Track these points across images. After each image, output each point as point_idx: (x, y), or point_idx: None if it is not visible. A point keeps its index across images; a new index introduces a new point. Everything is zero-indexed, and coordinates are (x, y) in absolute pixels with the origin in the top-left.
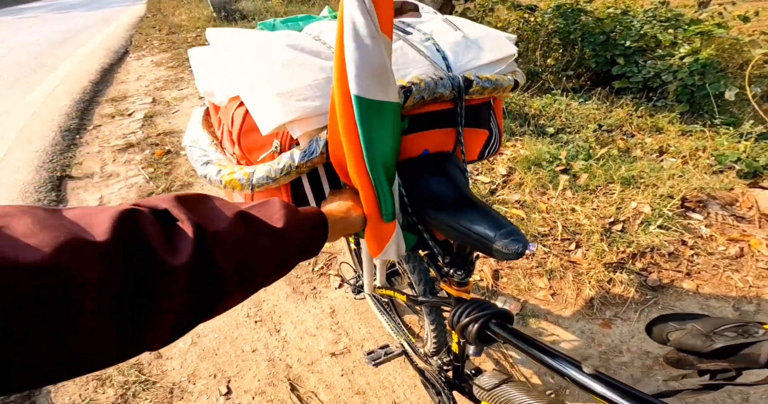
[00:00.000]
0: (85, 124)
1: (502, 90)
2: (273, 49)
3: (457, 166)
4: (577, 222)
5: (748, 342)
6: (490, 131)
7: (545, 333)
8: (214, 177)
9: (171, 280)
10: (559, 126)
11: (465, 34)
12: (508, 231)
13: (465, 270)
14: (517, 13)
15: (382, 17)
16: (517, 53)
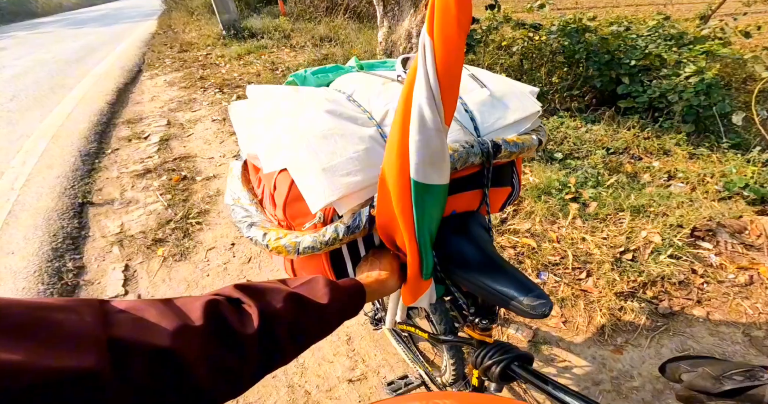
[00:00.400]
0: (103, 147)
1: (528, 151)
2: (314, 117)
3: (481, 224)
4: (587, 252)
5: (753, 384)
6: (512, 187)
7: (557, 359)
8: (260, 241)
9: (246, 346)
10: (567, 151)
11: (491, 91)
12: (536, 295)
13: (488, 319)
14: (522, 31)
15: (448, 110)
16: (523, 72)
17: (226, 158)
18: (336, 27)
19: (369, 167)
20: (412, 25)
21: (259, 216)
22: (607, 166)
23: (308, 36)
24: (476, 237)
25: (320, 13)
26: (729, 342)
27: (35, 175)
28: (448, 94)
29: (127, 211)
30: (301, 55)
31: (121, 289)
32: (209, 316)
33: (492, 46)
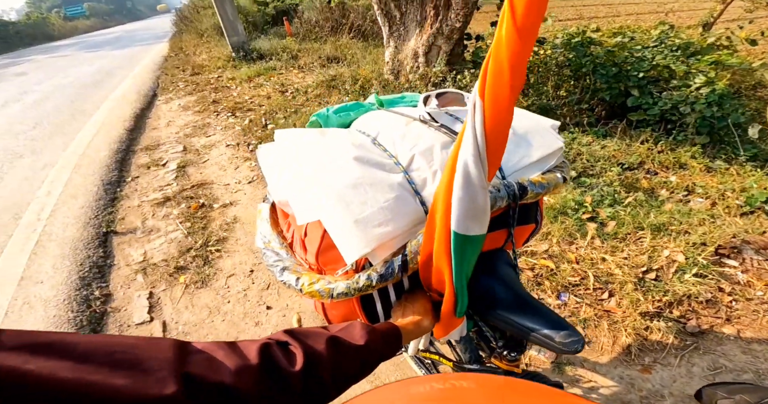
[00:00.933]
0: (124, 175)
1: (554, 190)
2: (347, 166)
3: (507, 262)
4: (608, 272)
5: None
6: (536, 223)
7: (583, 380)
8: (293, 285)
9: (292, 382)
10: (580, 168)
11: (514, 128)
12: (568, 333)
13: (517, 351)
14: None
15: (492, 168)
16: (530, 86)
17: (241, 184)
18: (342, 46)
19: (399, 216)
20: (418, 44)
21: (290, 260)
22: (622, 182)
23: (315, 56)
24: (503, 275)
25: (326, 33)
26: (762, 359)
27: (60, 205)
28: (494, 153)
29: (149, 240)
30: (309, 76)
31: (147, 316)
32: (262, 356)
33: None
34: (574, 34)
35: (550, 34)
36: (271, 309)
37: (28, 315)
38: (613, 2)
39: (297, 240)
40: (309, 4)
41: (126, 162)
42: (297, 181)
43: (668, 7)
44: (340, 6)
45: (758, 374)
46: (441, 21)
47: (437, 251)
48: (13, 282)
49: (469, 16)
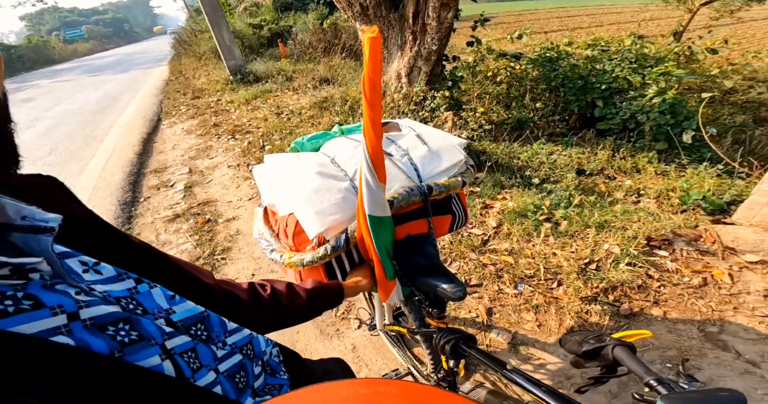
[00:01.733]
0: (137, 196)
1: (455, 189)
2: (308, 178)
3: (430, 243)
4: (558, 265)
5: (601, 346)
6: (453, 214)
7: (533, 358)
8: (279, 260)
9: (264, 302)
10: (543, 176)
11: (429, 147)
12: (455, 284)
13: (439, 308)
14: (504, 62)
15: (380, 176)
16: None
17: (242, 201)
18: (334, 67)
19: (345, 209)
20: (401, 66)
21: (277, 245)
22: (579, 187)
23: (309, 77)
24: (426, 252)
25: (319, 54)
26: (686, 337)
27: None
28: (378, 167)
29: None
30: (303, 98)
31: None
32: (249, 288)
33: (480, 76)
34: (548, 48)
35: (529, 48)
36: None
37: None
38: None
39: (281, 230)
40: (302, 26)
41: (138, 184)
42: (280, 189)
43: (646, 16)
44: (332, 27)
45: (681, 350)
46: (419, 44)
47: (362, 229)
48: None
49: (444, 39)
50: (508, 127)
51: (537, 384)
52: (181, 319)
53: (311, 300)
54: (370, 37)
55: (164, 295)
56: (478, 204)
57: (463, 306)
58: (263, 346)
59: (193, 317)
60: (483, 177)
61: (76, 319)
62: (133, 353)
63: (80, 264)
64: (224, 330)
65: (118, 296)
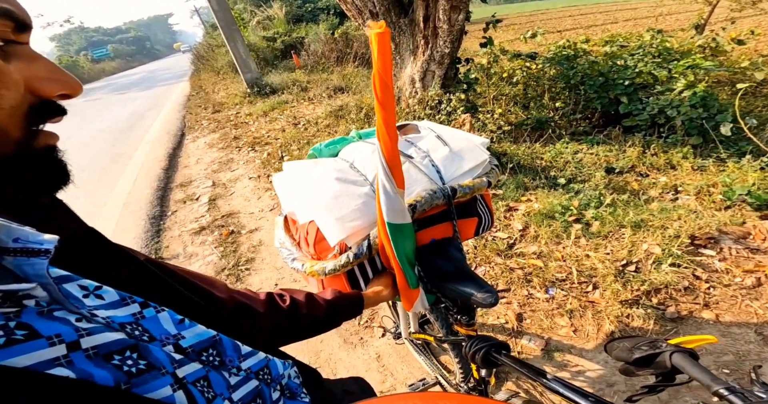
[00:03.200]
0: (165, 210)
1: (479, 191)
2: (330, 185)
3: (456, 247)
4: (592, 267)
5: (656, 352)
6: (479, 217)
7: (570, 365)
8: (300, 269)
9: (282, 313)
10: (569, 176)
11: (451, 148)
12: (486, 291)
13: (468, 316)
14: (519, 62)
15: (398, 181)
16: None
17: (264, 212)
18: (347, 75)
19: (366, 215)
20: (414, 71)
21: (298, 254)
22: (609, 186)
23: (323, 87)
24: (451, 257)
25: (332, 63)
26: (742, 342)
27: (115, 238)
28: (395, 172)
29: (190, 263)
30: (318, 108)
31: None
32: (267, 298)
33: (495, 78)
34: (564, 46)
35: (544, 48)
36: None
37: None
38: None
39: (302, 239)
40: (314, 37)
41: (165, 198)
42: (299, 197)
43: (662, 10)
44: (343, 37)
45: (738, 355)
46: (432, 48)
47: (381, 238)
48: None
49: (456, 42)
50: (528, 127)
51: (582, 394)
52: (191, 345)
53: (331, 310)
54: (377, 33)
55: (172, 319)
56: (502, 207)
57: (490, 312)
58: (281, 369)
59: (204, 342)
60: (505, 179)
61: (77, 349)
62: (143, 384)
63: (80, 289)
64: (238, 354)
65: (123, 322)
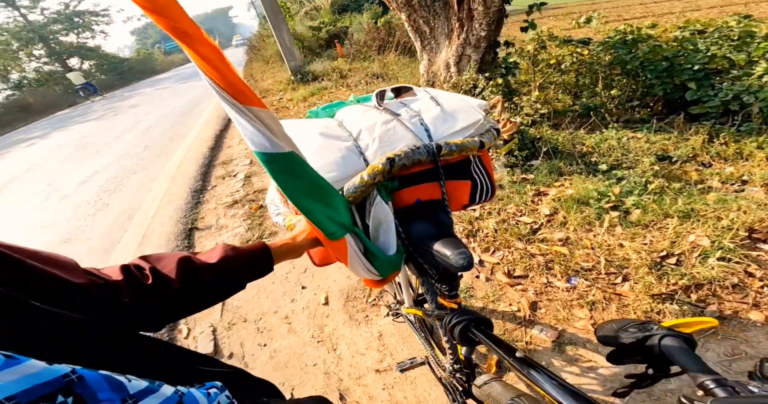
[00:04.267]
0: (206, 185)
1: (468, 150)
2: (312, 138)
3: (443, 211)
4: (624, 257)
5: (645, 335)
6: (473, 181)
7: (582, 360)
8: (281, 223)
9: (145, 291)
10: (613, 162)
11: (443, 108)
12: (459, 252)
13: (449, 285)
14: (569, 48)
15: (249, 95)
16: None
17: None
18: (388, 64)
19: (342, 167)
20: (449, 55)
21: (284, 210)
22: (660, 174)
23: (363, 74)
24: (436, 218)
25: (373, 52)
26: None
27: (161, 207)
28: (236, 85)
29: (220, 234)
30: (356, 93)
31: None
32: (123, 273)
33: (542, 64)
34: (624, 31)
35: (602, 34)
36: (305, 289)
37: None
38: None
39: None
40: (358, 27)
41: (207, 174)
42: None
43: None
44: (386, 26)
45: None
46: (467, 31)
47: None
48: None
49: (493, 24)
50: (574, 114)
51: (548, 376)
52: (15, 395)
53: (221, 272)
54: None
55: None
56: (530, 192)
57: (502, 298)
58: (204, 401)
59: (42, 387)
60: (538, 164)
61: None
62: None
63: None
64: (123, 394)
65: None
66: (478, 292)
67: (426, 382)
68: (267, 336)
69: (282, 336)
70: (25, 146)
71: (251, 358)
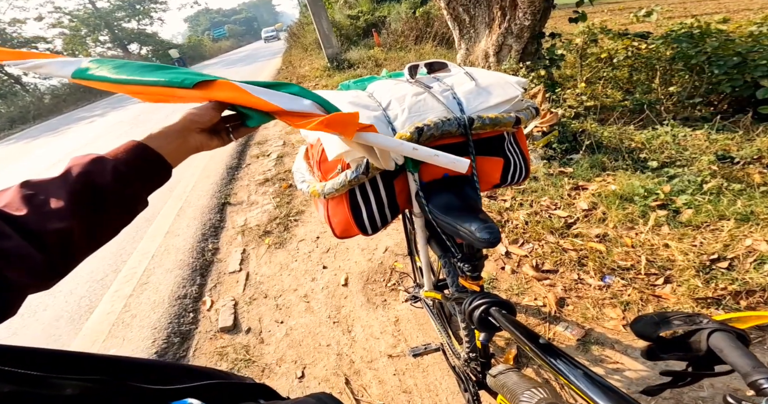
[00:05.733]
0: (241, 163)
1: (503, 125)
2: (341, 106)
3: (471, 186)
4: (669, 258)
5: (691, 329)
6: (506, 159)
7: (608, 361)
8: (305, 190)
9: None
10: (665, 159)
11: (478, 83)
12: (486, 226)
13: (472, 265)
14: (624, 41)
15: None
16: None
17: None
18: (424, 54)
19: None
20: (488, 44)
21: (309, 177)
22: (716, 174)
23: (398, 63)
24: (462, 193)
25: (410, 42)
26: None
27: (198, 182)
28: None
29: (250, 210)
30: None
31: (238, 267)
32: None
33: (591, 58)
34: (692, 25)
35: (664, 28)
36: (326, 269)
37: (165, 258)
38: None
39: (314, 163)
40: (396, 16)
41: (243, 153)
42: None
43: None
44: (424, 16)
45: None
46: (509, 20)
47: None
48: (162, 235)
49: (538, 13)
50: (624, 109)
51: (575, 367)
52: None
53: (77, 187)
54: None
55: None
56: (567, 185)
57: (527, 292)
58: None
59: None
60: (578, 157)
61: None
62: None
63: None
64: None
65: None
66: (501, 284)
67: (438, 371)
68: (285, 313)
69: (299, 315)
70: (86, 123)
71: (267, 334)
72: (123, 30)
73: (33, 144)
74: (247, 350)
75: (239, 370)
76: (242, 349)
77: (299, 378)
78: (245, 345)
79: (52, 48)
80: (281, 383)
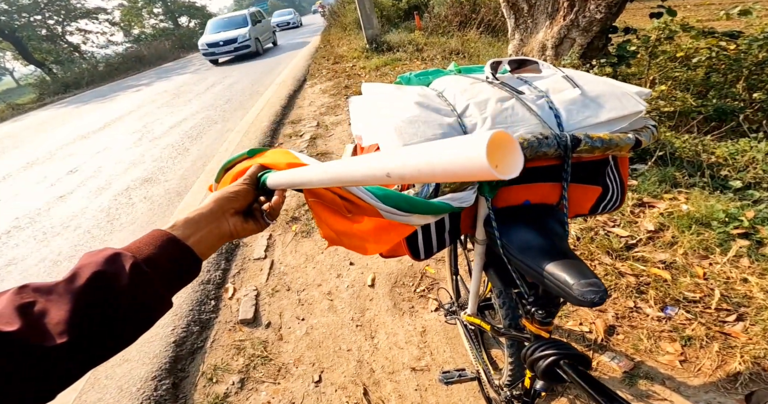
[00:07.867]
0: (273, 141)
1: (617, 149)
2: (405, 106)
3: (556, 218)
4: (746, 294)
5: None
6: (605, 188)
7: (655, 397)
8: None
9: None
10: (750, 179)
11: (584, 91)
12: (588, 282)
13: (547, 311)
14: (709, 40)
15: None
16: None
17: None
18: (468, 41)
19: None
20: (547, 36)
21: None
22: None
23: (440, 49)
24: (547, 228)
25: (453, 28)
26: None
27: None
28: None
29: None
30: (430, 67)
31: (263, 254)
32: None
33: (662, 57)
34: None
35: (757, 28)
36: (353, 266)
37: None
38: None
39: None
40: (440, 0)
41: (277, 131)
42: (369, 117)
43: None
44: (470, 1)
45: None
46: (577, 12)
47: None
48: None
49: (614, 7)
50: (700, 116)
51: None
52: None
53: (83, 309)
54: None
55: None
56: (631, 201)
57: (572, 315)
58: None
59: None
60: (645, 169)
61: None
62: None
63: None
64: None
65: None
66: None
67: (464, 392)
68: (307, 309)
69: (321, 313)
70: (133, 91)
71: (287, 331)
72: (175, 2)
73: (82, 109)
74: (265, 346)
75: (255, 368)
76: (260, 345)
77: (315, 383)
78: (264, 340)
79: (111, 19)
80: (296, 386)
